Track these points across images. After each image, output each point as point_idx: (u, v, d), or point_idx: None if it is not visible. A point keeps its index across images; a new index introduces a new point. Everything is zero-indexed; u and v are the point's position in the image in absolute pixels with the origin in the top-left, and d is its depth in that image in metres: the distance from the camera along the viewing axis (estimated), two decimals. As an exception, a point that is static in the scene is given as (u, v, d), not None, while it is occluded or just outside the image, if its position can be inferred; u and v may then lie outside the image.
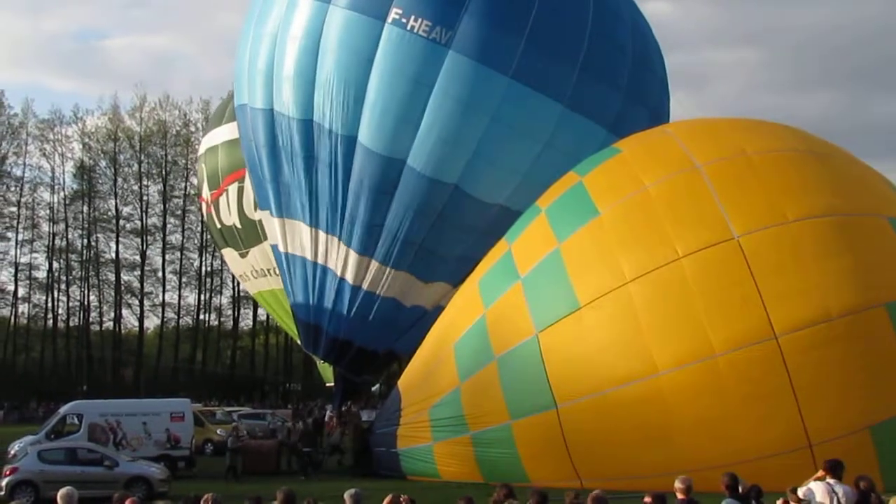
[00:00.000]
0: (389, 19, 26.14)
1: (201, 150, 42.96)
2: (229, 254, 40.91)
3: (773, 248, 18.36)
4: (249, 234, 37.23)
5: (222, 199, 38.88)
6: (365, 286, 28.23)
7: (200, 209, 45.98)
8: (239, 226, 37.55)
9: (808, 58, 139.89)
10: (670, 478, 10.57)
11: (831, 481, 10.60)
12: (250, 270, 38.95)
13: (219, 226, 39.96)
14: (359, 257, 27.96)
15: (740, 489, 10.79)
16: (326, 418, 38.97)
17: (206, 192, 40.86)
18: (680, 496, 10.05)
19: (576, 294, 19.38)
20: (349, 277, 28.30)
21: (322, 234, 28.56)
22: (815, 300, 17.72)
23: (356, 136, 26.86)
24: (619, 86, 27.34)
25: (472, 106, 25.95)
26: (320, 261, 28.94)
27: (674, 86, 31.54)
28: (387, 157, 26.63)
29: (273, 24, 28.38)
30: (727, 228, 18.61)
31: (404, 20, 26.02)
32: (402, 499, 10.02)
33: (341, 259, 28.29)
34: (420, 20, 25.92)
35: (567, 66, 26.31)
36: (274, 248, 31.64)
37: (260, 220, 34.21)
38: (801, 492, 10.55)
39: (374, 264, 27.89)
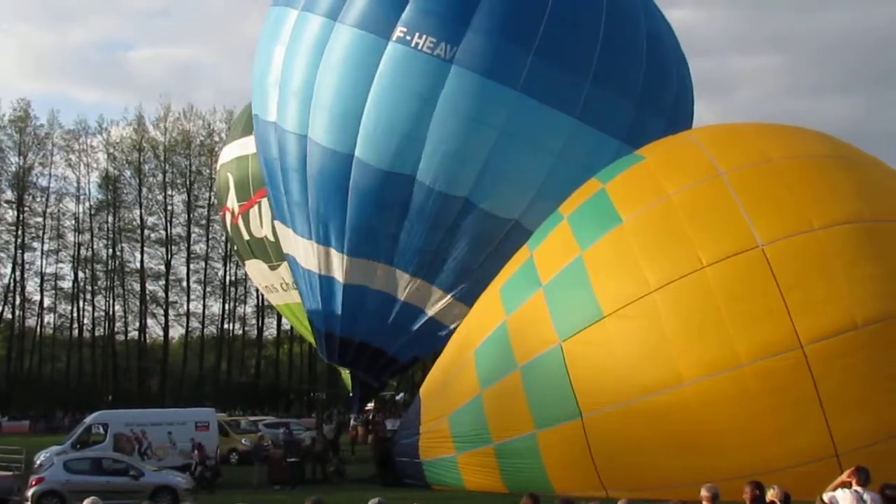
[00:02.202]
0: (394, 37, 26.14)
1: (225, 158, 42.75)
2: (255, 265, 40.85)
3: (799, 257, 18.16)
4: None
5: (253, 211, 38.85)
6: (376, 287, 28.33)
7: (223, 219, 45.96)
8: (272, 238, 37.45)
9: (831, 62, 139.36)
10: (696, 487, 10.49)
11: (859, 489, 10.50)
12: (280, 283, 38.90)
13: (246, 237, 39.92)
14: (358, 261, 28.05)
15: (772, 496, 10.70)
16: (350, 426, 39.03)
17: (231, 203, 40.78)
18: (706, 504, 9.98)
19: (599, 303, 19.28)
20: (351, 280, 28.45)
21: (321, 248, 28.73)
22: (841, 309, 17.50)
23: (354, 153, 26.87)
24: (631, 96, 27.01)
25: (478, 120, 25.84)
26: (323, 271, 29.12)
27: (698, 92, 31.29)
28: (392, 173, 26.58)
29: (284, 39, 28.58)
30: (752, 237, 18.44)
31: (409, 37, 26.01)
32: (426, 509, 10.00)
33: (341, 267, 28.41)
34: (424, 37, 25.89)
35: (578, 78, 26.06)
36: (287, 255, 32.00)
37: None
38: (826, 497, 10.46)
39: (384, 268, 27.93)
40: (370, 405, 46.67)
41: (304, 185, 28.43)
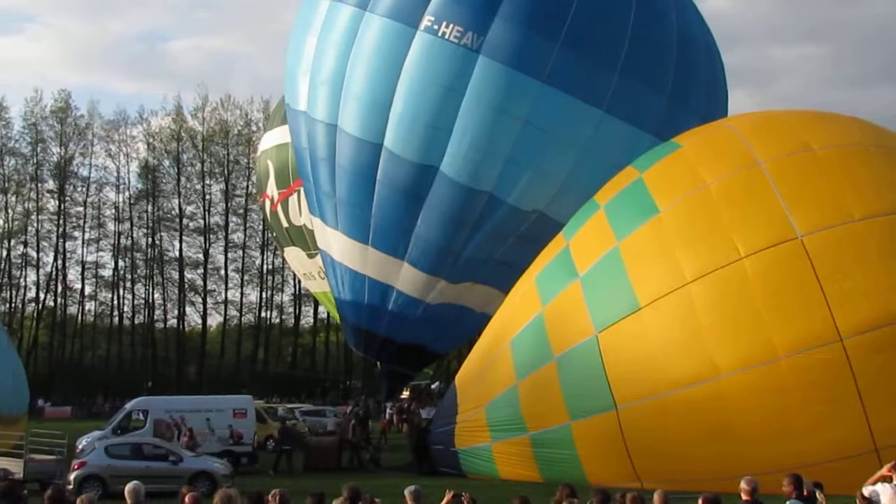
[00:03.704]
0: (422, 26, 26.04)
1: (265, 145, 42.92)
2: (293, 252, 41.05)
3: (838, 248, 17.95)
4: None
5: (292, 199, 38.98)
6: (400, 288, 28.36)
7: (262, 206, 46.21)
8: (311, 227, 37.70)
9: (872, 52, 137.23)
10: (732, 481, 10.44)
11: (898, 483, 10.40)
12: (317, 271, 39.06)
13: (285, 225, 40.11)
14: (389, 259, 28.06)
15: (805, 490, 10.63)
16: (387, 416, 39.25)
17: (271, 190, 40.94)
18: (745, 497, 9.93)
19: (635, 294, 19.19)
20: (381, 278, 28.47)
21: (348, 239, 28.80)
22: (882, 302, 17.26)
23: (382, 143, 26.85)
24: (663, 90, 26.62)
25: (503, 111, 25.65)
26: (350, 263, 29.21)
27: (737, 83, 30.93)
28: (418, 164, 26.52)
29: (316, 29, 28.64)
30: (790, 227, 18.24)
31: (436, 27, 25.90)
32: (463, 497, 10.04)
33: (371, 262, 28.42)
34: (452, 26, 25.76)
35: (606, 70, 25.71)
36: (318, 244, 32.21)
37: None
38: (866, 491, 10.37)
39: (407, 268, 27.93)
40: (405, 394, 46.97)
41: (332, 175, 28.53)
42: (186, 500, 9.06)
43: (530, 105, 25.68)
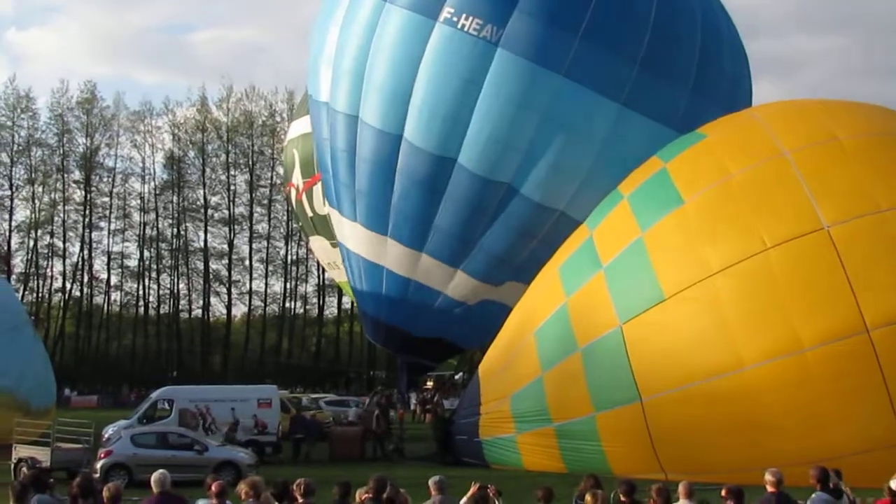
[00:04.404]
0: (441, 18, 25.90)
1: (292, 134, 42.91)
2: (318, 241, 41.13)
3: (865, 239, 17.80)
4: None
5: (316, 188, 38.97)
6: (419, 280, 28.29)
7: (288, 194, 46.32)
8: None
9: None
10: (757, 472, 10.40)
11: (925, 475, 10.33)
12: (341, 260, 39.17)
13: (310, 214, 40.17)
14: (407, 251, 27.99)
15: (830, 483, 10.60)
16: (412, 406, 39.33)
17: (297, 179, 40.99)
18: (770, 489, 9.89)
19: (660, 285, 19.13)
20: (399, 271, 28.41)
21: (366, 231, 28.77)
22: (909, 293, 17.14)
23: (402, 134, 26.80)
24: (684, 84, 26.27)
25: (521, 105, 25.39)
26: (368, 256, 29.18)
27: (762, 72, 30.55)
28: (437, 156, 26.42)
29: (338, 20, 28.60)
30: (816, 218, 18.11)
31: (455, 19, 25.74)
32: (489, 488, 10.05)
33: (390, 254, 28.36)
34: (471, 18, 25.58)
35: (626, 64, 25.39)
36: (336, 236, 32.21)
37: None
38: (893, 484, 10.33)
39: (426, 259, 27.86)
40: (429, 384, 47.01)
41: (351, 167, 28.52)
42: (213, 488, 9.13)
43: (549, 99, 25.49)
